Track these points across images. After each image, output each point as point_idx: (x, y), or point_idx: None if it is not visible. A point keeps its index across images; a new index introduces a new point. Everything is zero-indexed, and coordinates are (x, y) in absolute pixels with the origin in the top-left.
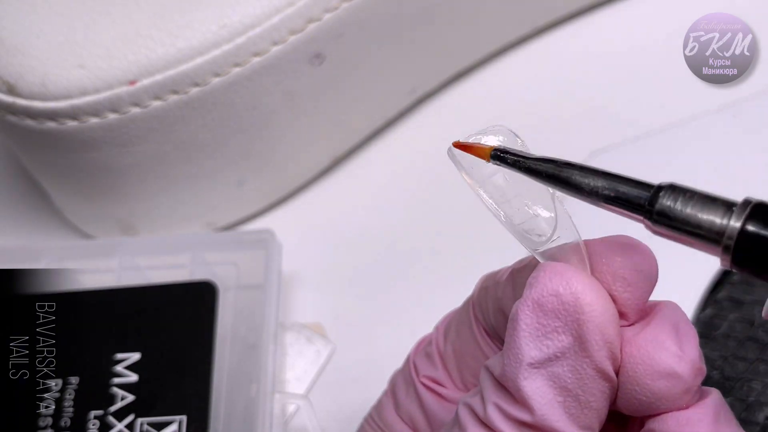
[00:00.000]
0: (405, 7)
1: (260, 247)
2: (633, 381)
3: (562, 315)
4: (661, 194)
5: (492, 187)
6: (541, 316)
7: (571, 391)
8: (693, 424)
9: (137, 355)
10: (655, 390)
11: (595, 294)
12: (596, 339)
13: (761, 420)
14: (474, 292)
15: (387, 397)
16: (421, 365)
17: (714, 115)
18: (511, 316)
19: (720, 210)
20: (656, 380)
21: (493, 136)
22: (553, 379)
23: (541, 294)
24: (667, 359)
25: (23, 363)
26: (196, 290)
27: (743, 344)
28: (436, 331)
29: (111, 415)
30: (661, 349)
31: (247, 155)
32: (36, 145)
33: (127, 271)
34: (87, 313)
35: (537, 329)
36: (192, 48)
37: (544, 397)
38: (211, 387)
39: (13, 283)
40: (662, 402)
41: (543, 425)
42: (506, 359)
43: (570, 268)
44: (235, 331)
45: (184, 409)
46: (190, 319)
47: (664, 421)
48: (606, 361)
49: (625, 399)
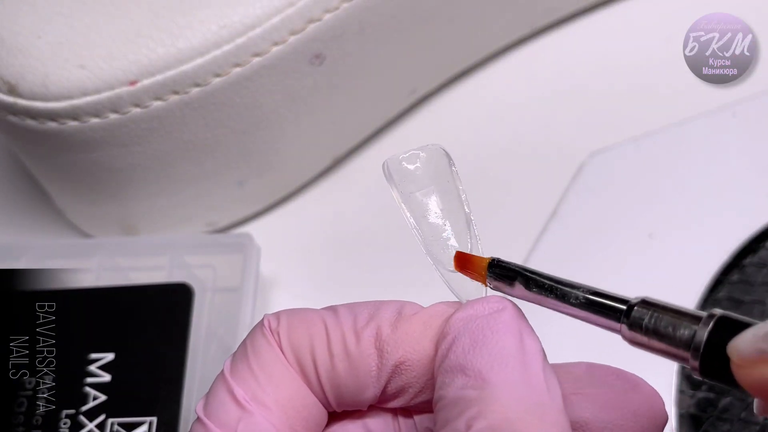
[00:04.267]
0: (405, 8)
1: (238, 250)
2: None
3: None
4: (635, 308)
5: (415, 204)
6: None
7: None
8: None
9: (111, 355)
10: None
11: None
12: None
13: (761, 420)
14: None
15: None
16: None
17: (714, 115)
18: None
19: (689, 322)
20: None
21: (425, 154)
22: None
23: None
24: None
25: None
26: (172, 292)
27: None
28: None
29: (82, 414)
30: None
31: (248, 155)
32: (37, 146)
33: (105, 271)
34: (63, 312)
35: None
36: (192, 48)
37: None
38: (182, 389)
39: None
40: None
41: None
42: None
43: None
44: (211, 333)
45: (155, 411)
46: (165, 321)
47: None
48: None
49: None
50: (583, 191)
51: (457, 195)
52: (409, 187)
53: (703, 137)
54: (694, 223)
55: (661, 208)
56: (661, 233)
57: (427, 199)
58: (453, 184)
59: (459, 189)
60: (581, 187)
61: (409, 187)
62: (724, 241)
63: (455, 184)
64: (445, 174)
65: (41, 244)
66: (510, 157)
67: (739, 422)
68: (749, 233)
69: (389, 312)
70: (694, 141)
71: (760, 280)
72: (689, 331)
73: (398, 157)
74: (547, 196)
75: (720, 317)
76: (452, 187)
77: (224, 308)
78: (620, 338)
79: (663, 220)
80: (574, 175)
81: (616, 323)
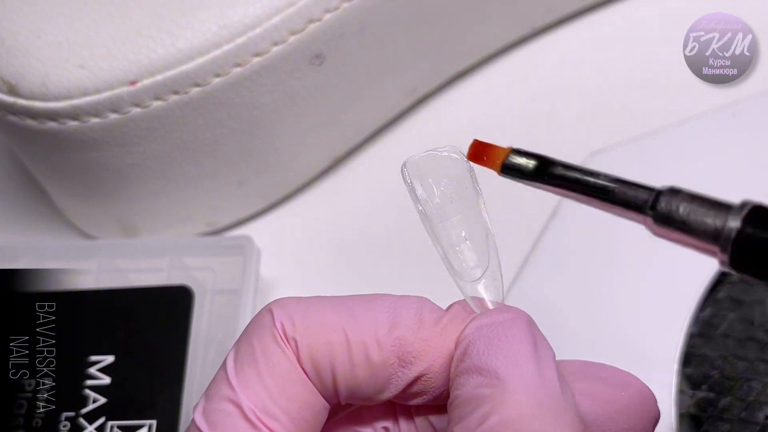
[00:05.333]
0: (405, 8)
1: (238, 252)
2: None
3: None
4: (661, 197)
5: (432, 206)
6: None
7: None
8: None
9: (111, 357)
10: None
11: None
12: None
13: (761, 420)
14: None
15: None
16: None
17: (714, 115)
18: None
19: (719, 212)
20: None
21: (446, 154)
22: None
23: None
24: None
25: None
26: (172, 294)
27: (743, 344)
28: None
29: (82, 417)
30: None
31: (248, 155)
32: (37, 146)
33: (105, 273)
34: (63, 313)
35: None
36: (192, 48)
37: None
38: (182, 392)
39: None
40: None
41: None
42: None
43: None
44: (211, 335)
45: (154, 414)
46: (165, 323)
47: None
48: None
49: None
50: None
51: (476, 202)
52: (428, 192)
53: (703, 137)
54: None
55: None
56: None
57: (446, 206)
58: (472, 190)
59: (479, 198)
60: None
61: (429, 192)
62: None
63: (474, 188)
64: (464, 179)
65: (41, 244)
66: None
67: (739, 422)
68: None
69: (410, 318)
70: (694, 141)
71: None
72: (720, 221)
73: (417, 158)
74: (547, 196)
75: (754, 206)
76: (471, 194)
77: (224, 310)
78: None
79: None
80: None
81: (641, 216)
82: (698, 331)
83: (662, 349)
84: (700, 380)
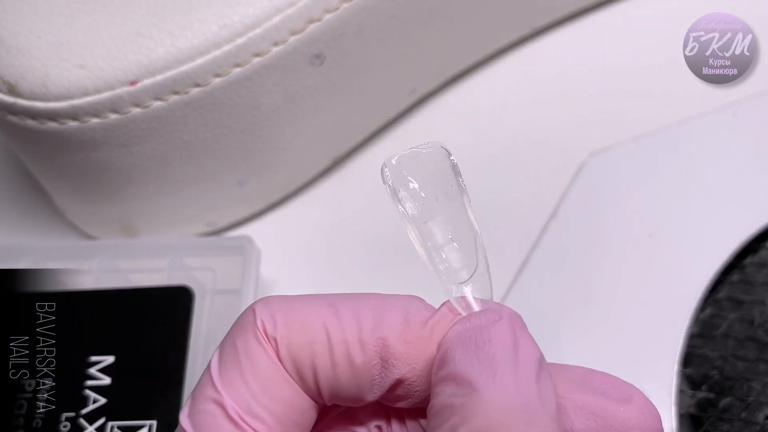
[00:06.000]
0: (405, 8)
1: (238, 253)
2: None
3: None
4: None
5: (415, 207)
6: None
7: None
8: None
9: (111, 358)
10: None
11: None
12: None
13: (761, 420)
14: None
15: None
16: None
17: (714, 115)
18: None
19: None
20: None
21: (426, 151)
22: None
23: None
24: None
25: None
26: (172, 295)
27: (743, 344)
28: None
29: (82, 417)
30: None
31: (248, 155)
32: (37, 146)
33: (105, 273)
34: (63, 313)
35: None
36: (192, 48)
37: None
38: (183, 393)
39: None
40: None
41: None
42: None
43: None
44: (211, 336)
45: (154, 414)
46: (165, 324)
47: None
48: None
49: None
50: (583, 191)
51: (461, 201)
52: (411, 193)
53: (703, 137)
54: (694, 223)
55: (661, 208)
56: (661, 233)
57: (431, 205)
58: (456, 189)
59: (464, 196)
60: (581, 187)
61: (411, 192)
62: (724, 241)
63: (458, 186)
64: (448, 177)
65: (41, 245)
66: (510, 157)
67: (739, 422)
68: (749, 233)
69: (395, 318)
70: (694, 141)
71: (760, 280)
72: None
73: (397, 158)
74: (547, 196)
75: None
76: (456, 193)
77: (224, 311)
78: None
79: (663, 220)
80: (574, 175)
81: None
82: (698, 331)
83: (662, 349)
84: (700, 380)
